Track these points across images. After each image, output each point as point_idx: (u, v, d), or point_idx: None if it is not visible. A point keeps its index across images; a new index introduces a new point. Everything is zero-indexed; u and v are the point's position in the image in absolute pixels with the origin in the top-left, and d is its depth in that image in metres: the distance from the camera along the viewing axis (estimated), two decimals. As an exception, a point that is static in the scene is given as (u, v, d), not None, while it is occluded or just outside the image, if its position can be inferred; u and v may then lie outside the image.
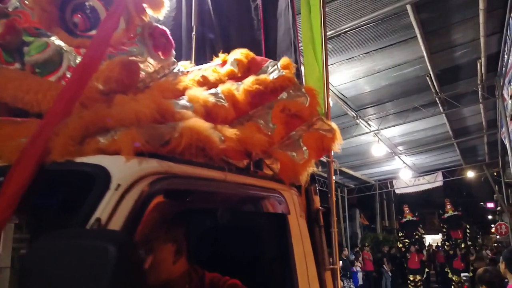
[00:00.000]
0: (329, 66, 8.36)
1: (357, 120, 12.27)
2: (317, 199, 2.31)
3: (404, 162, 17.76)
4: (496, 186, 19.31)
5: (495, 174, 19.28)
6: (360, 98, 11.25)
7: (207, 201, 1.63)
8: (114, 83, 1.73)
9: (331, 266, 2.30)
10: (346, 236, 20.88)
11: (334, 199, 2.53)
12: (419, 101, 11.37)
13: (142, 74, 1.94)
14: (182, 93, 1.79)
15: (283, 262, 1.97)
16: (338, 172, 15.24)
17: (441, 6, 7.75)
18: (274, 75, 2.07)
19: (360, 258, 18.87)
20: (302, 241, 2.05)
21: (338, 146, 2.23)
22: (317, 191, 2.34)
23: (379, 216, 26.21)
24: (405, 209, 20.87)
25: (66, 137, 1.33)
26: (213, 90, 1.85)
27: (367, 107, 11.90)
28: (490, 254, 18.37)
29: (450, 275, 17.97)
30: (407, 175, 18.57)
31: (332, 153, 2.55)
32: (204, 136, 1.50)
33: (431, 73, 9.75)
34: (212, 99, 1.76)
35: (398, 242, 20.09)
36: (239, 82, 1.99)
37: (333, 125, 2.24)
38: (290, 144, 2.01)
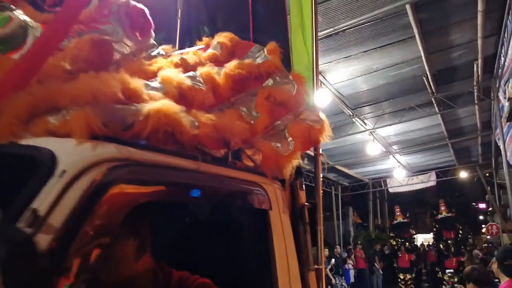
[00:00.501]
0: (326, 64, 8.22)
1: (353, 119, 12.08)
2: (302, 194, 2.11)
3: (398, 161, 17.59)
4: (489, 187, 19.17)
5: (487, 175, 19.15)
6: (357, 97, 11.05)
7: (176, 194, 1.43)
8: (82, 63, 1.54)
9: (316, 266, 2.12)
10: (339, 234, 20.74)
11: (321, 194, 2.30)
12: (415, 101, 11.18)
13: (116, 55, 1.74)
14: (156, 75, 1.59)
15: (262, 261, 1.80)
16: (326, 166, 15.07)
17: (440, 6, 7.56)
18: (260, 60, 1.88)
19: (353, 256, 18.78)
20: (284, 239, 1.88)
21: (326, 138, 2.03)
22: (303, 185, 2.15)
23: (372, 214, 26.09)
24: (396, 210, 20.74)
25: (10, 115, 1.14)
26: (190, 73, 1.66)
27: (364, 106, 11.71)
28: (480, 254, 18.22)
29: (440, 274, 17.91)
30: (400, 174, 18.39)
31: (320, 146, 2.35)
32: (174, 120, 1.30)
33: (428, 73, 9.56)
34: (188, 82, 1.56)
35: (392, 240, 20.02)
36: (221, 67, 1.79)
37: (322, 115, 2.05)
38: (274, 134, 1.81)
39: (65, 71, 1.53)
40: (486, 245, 21.35)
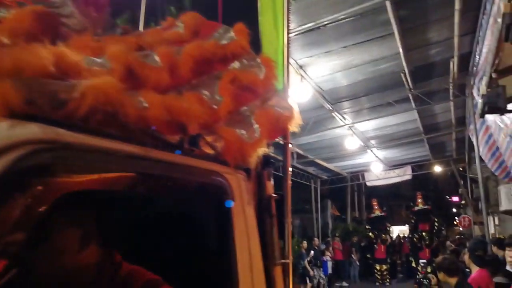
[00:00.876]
0: (307, 58, 8.04)
1: (332, 113, 11.98)
2: (270, 185, 1.94)
3: (376, 156, 17.60)
4: (462, 181, 19.38)
5: (461, 169, 19.35)
6: (337, 92, 10.92)
7: (119, 182, 1.23)
8: (22, 36, 1.33)
9: (283, 260, 1.95)
10: (318, 226, 20.72)
11: (290, 185, 2.13)
12: (392, 97, 11.12)
13: (64, 30, 1.53)
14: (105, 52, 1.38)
15: (221, 256, 1.65)
16: (295, 156, 14.98)
17: (418, 4, 7.50)
18: (226, 41, 1.68)
19: (331, 248, 18.82)
20: (248, 232, 1.72)
21: (296, 126, 1.86)
22: (271, 176, 1.98)
23: (350, 207, 26.19)
24: (374, 204, 20.86)
25: None
26: (146, 52, 1.46)
27: (343, 101, 11.59)
28: (453, 246, 18.40)
29: (414, 264, 18.09)
30: (378, 168, 18.44)
31: (289, 135, 2.17)
32: (116, 99, 1.10)
33: (405, 69, 9.48)
34: (141, 60, 1.36)
35: (370, 233, 20.10)
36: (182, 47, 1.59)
37: (292, 102, 1.87)
38: (239, 121, 1.62)
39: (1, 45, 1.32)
40: (458, 236, 21.59)
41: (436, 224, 19.21)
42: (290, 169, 2.22)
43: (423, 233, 18.87)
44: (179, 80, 1.48)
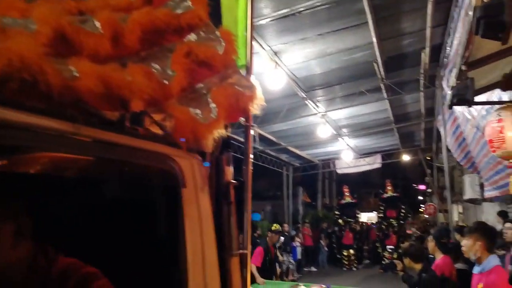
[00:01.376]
0: (282, 45, 7.89)
1: (306, 101, 11.88)
2: (229, 171, 1.79)
3: (347, 144, 17.67)
4: (429, 170, 19.72)
5: (428, 158, 19.68)
6: (310, 79, 10.81)
7: (45, 164, 1.05)
8: None
9: (240, 251, 1.83)
10: (289, 213, 20.79)
11: (251, 170, 2.00)
12: (365, 86, 11.09)
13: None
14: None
15: (168, 247, 1.51)
16: (257, 139, 14.89)
17: (393, -7, 7.40)
18: (181, 10, 1.50)
19: (300, 234, 18.94)
20: (201, 221, 1.57)
21: (258, 107, 1.71)
22: (231, 161, 1.83)
23: (321, 194, 26.43)
24: (345, 190, 21.11)
25: None
26: (85, 16, 1.26)
27: (317, 89, 11.49)
28: (418, 232, 18.77)
29: (380, 250, 18.43)
30: (349, 156, 18.52)
31: (251, 116, 2.01)
32: (35, 64, 0.92)
33: (378, 59, 9.42)
34: (76, 24, 1.17)
35: (340, 220, 20.37)
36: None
37: (254, 81, 1.70)
38: (194, 99, 1.45)
39: None
40: (423, 223, 22.05)
41: (403, 211, 19.60)
42: (252, 155, 2.06)
43: (391, 220, 19.23)
44: (123, 50, 1.29)
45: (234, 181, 1.80)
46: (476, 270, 3.65)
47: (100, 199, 1.56)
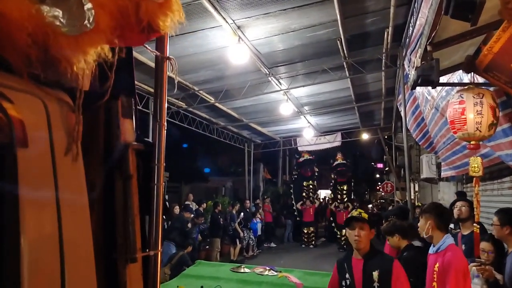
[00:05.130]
0: (245, 20, 7.71)
1: (269, 78, 11.79)
2: (127, 126, 1.24)
3: (308, 122, 17.83)
4: (387, 148, 20.25)
5: (386, 137, 20.17)
6: (273, 56, 10.69)
7: None
8: None
9: (145, 253, 1.28)
10: (250, 189, 20.90)
11: (164, 130, 1.44)
12: (328, 64, 11.10)
13: None
14: None
15: None
16: (176, 79, 14.62)
17: (358, -30, 7.33)
18: None
19: (261, 210, 19.14)
20: (60, 205, 1.00)
21: (174, 23, 1.17)
22: (132, 110, 1.28)
23: (281, 171, 26.71)
24: (303, 154, 21.29)
25: None
26: None
27: (279, 66, 11.41)
28: (375, 210, 19.39)
29: (335, 229, 18.81)
30: (310, 134, 18.71)
31: (167, 43, 1.40)
32: None
33: (342, 37, 9.42)
34: None
35: (301, 203, 20.47)
36: None
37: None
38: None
39: None
40: (379, 201, 22.80)
41: (353, 180, 19.86)
42: (167, 104, 1.50)
43: (342, 187, 19.41)
44: None
45: (136, 143, 1.27)
46: (431, 250, 3.75)
47: None
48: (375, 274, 3.28)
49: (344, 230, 17.81)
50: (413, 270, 3.96)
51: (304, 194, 20.34)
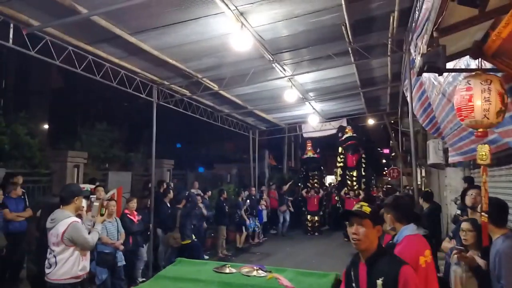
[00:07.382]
0: (248, 5, 7.67)
1: (273, 64, 11.68)
2: None
3: (313, 108, 17.71)
4: (393, 134, 20.16)
5: (392, 122, 20.06)
6: (277, 42, 10.55)
7: None
8: None
9: None
10: (255, 176, 20.91)
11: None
12: (332, 50, 10.94)
13: None
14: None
15: None
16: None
17: (365, -47, 7.19)
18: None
19: (265, 196, 19.25)
20: None
21: None
22: None
23: (286, 157, 26.75)
24: (308, 145, 21.34)
25: None
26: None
27: (283, 52, 11.26)
28: (381, 195, 19.38)
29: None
30: (315, 120, 18.62)
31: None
32: None
33: (346, 22, 9.26)
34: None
35: (306, 190, 20.51)
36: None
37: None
38: None
39: None
40: (386, 186, 22.83)
41: (364, 161, 19.73)
42: None
43: (352, 173, 19.33)
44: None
45: None
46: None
47: None
48: (379, 282, 2.75)
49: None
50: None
51: (309, 184, 20.44)
